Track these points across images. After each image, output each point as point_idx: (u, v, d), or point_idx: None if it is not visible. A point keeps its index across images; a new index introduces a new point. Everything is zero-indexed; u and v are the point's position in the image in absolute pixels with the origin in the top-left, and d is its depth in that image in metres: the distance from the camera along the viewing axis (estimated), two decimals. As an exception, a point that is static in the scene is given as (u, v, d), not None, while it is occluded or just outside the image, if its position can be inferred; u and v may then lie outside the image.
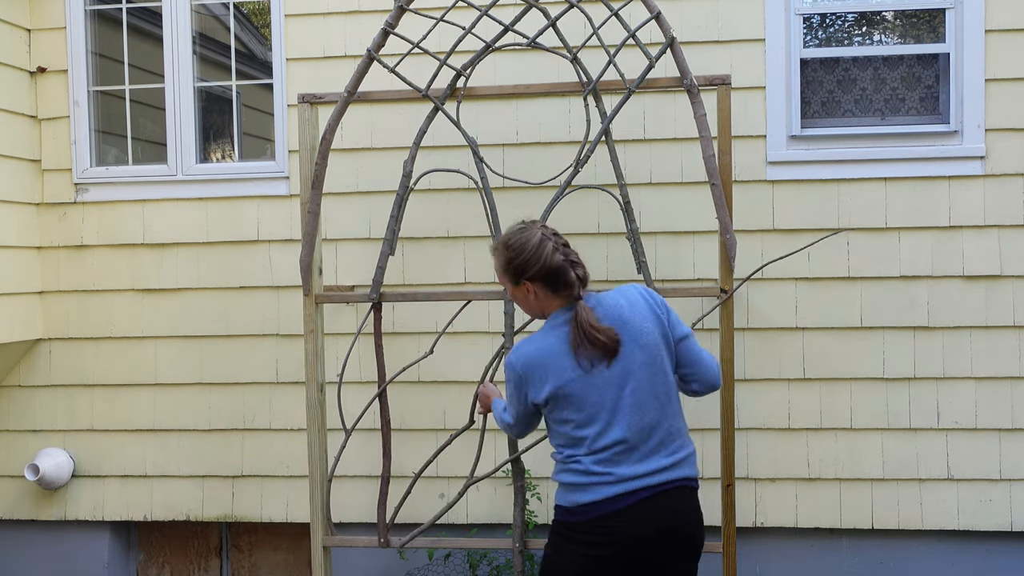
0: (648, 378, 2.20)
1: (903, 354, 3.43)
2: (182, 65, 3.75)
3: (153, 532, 3.96)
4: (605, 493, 2.16)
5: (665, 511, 2.19)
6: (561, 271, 2.21)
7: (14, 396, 3.85)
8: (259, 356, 3.71)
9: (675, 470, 2.22)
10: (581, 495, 2.19)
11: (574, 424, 2.21)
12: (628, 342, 2.19)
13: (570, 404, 2.20)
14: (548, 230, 2.27)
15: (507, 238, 2.28)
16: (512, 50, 3.25)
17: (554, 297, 2.24)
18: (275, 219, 3.69)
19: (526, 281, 2.24)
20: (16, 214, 3.71)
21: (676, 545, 2.22)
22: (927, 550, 3.47)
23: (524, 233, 2.26)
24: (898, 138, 3.45)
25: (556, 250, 2.22)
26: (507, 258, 2.26)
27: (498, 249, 2.30)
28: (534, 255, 2.21)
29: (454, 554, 3.57)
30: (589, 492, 2.18)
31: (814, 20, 3.56)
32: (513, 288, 2.29)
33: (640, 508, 2.17)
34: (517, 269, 2.24)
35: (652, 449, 2.19)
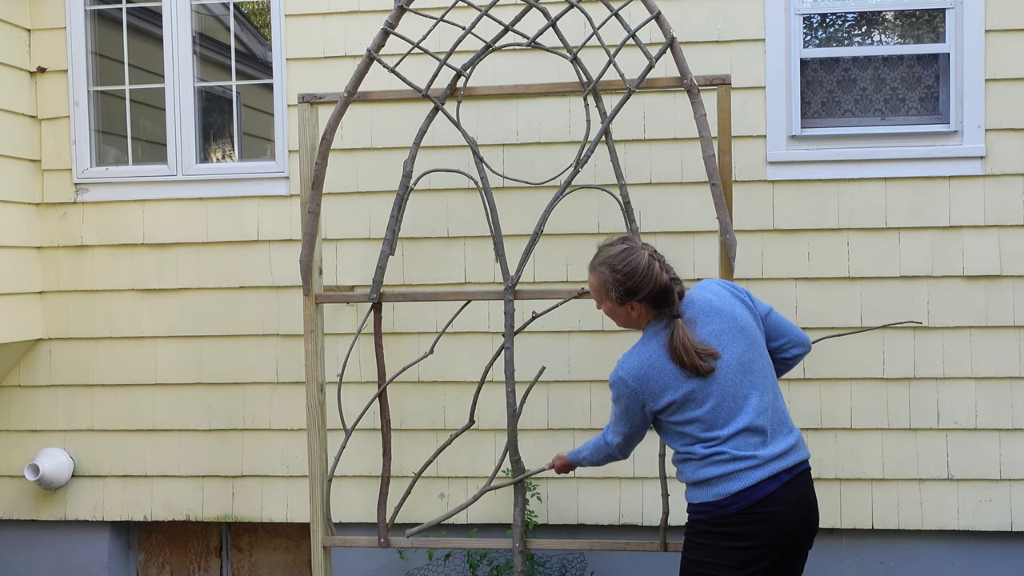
0: (755, 359, 2.24)
1: (903, 354, 3.43)
2: (182, 65, 3.75)
3: (153, 532, 3.96)
4: (755, 477, 2.17)
5: (803, 494, 2.24)
6: (668, 291, 2.24)
7: (14, 396, 3.85)
8: (259, 356, 3.71)
9: (798, 451, 2.26)
10: (729, 484, 2.18)
11: (701, 421, 2.21)
12: (728, 328, 2.24)
13: (692, 402, 2.21)
14: (649, 247, 2.29)
15: (614, 262, 2.27)
16: (512, 50, 3.25)
17: (653, 311, 2.28)
18: (275, 219, 3.69)
19: (635, 302, 2.27)
20: (16, 214, 3.71)
21: (810, 528, 2.27)
22: (927, 550, 3.47)
23: (632, 256, 2.26)
24: (898, 138, 3.45)
25: (663, 269, 2.25)
26: (616, 280, 2.26)
27: (601, 270, 2.30)
28: (645, 278, 2.23)
29: (454, 554, 3.57)
30: (740, 479, 2.17)
31: (814, 20, 3.56)
32: (615, 306, 2.31)
33: (786, 491, 2.19)
34: (627, 291, 2.25)
35: (774, 430, 2.23)
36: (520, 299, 2.98)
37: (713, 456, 2.20)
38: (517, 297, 2.97)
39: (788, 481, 2.20)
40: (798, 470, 2.24)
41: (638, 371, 2.25)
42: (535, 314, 3.03)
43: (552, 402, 3.53)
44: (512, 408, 2.96)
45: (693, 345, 2.20)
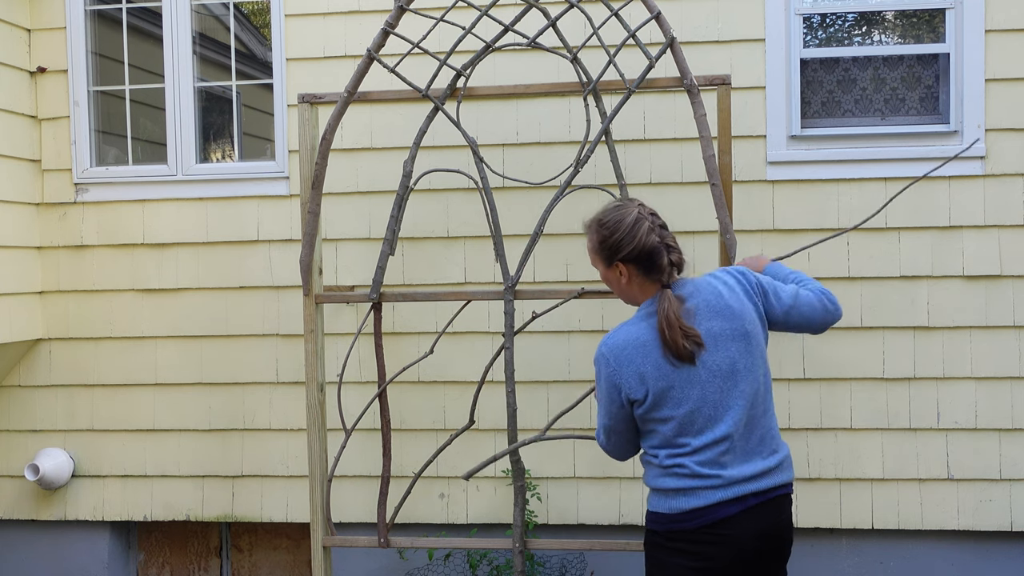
0: (749, 368, 2.07)
1: (903, 354, 3.43)
2: (182, 65, 3.75)
3: (153, 532, 3.96)
4: (714, 498, 2.04)
5: (771, 520, 2.10)
6: (656, 253, 2.08)
7: (14, 396, 3.85)
8: (259, 356, 3.71)
9: (776, 475, 2.11)
10: (686, 500, 2.06)
11: (675, 422, 2.06)
12: (729, 331, 2.07)
13: (670, 399, 2.05)
14: (645, 209, 2.13)
15: (601, 215, 2.15)
16: (512, 50, 3.25)
17: (647, 282, 2.12)
18: (275, 219, 3.69)
19: (619, 263, 2.11)
20: (16, 214, 3.71)
21: (776, 555, 2.14)
22: (927, 550, 3.47)
23: (620, 211, 2.12)
24: (898, 138, 3.45)
25: (652, 230, 2.08)
26: (601, 236, 2.12)
27: (591, 226, 2.17)
28: (628, 234, 2.08)
29: (454, 554, 3.57)
30: (696, 497, 2.05)
31: (814, 20, 3.56)
32: (605, 270, 2.16)
33: (749, 515, 2.05)
34: (610, 249, 2.11)
35: (753, 449, 2.08)
36: (520, 299, 2.98)
37: (674, 467, 2.07)
38: (517, 297, 2.97)
39: (755, 505, 2.06)
40: (772, 495, 2.09)
41: (620, 348, 2.08)
42: (535, 314, 3.03)
43: (552, 402, 3.53)
44: (512, 408, 2.96)
45: (679, 321, 2.02)
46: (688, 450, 2.06)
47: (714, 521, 2.05)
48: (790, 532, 2.18)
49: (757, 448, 2.09)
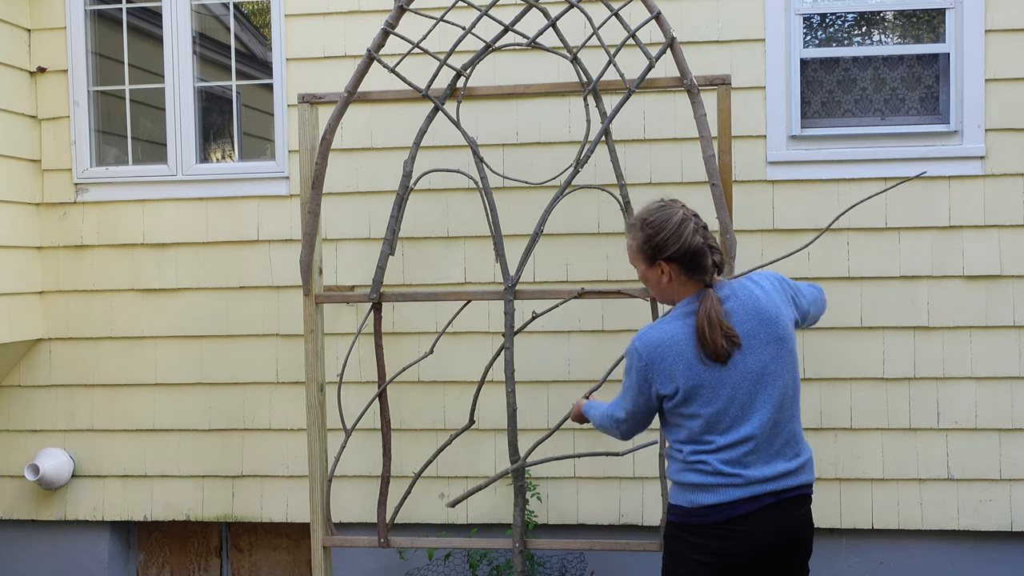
0: (779, 373, 2.11)
1: (903, 354, 3.43)
2: (182, 65, 3.75)
3: (153, 532, 3.96)
4: (732, 495, 2.07)
5: (787, 519, 2.13)
6: (700, 254, 2.10)
7: (14, 396, 3.85)
8: (259, 356, 3.71)
9: (798, 475, 2.15)
10: (705, 496, 2.10)
11: (703, 419, 2.09)
12: (763, 334, 2.11)
13: (700, 397, 2.09)
14: (689, 210, 2.16)
15: (646, 215, 2.16)
16: (512, 50, 3.25)
17: (687, 282, 2.14)
18: (275, 219, 3.69)
19: (662, 261, 2.13)
20: (16, 214, 3.71)
21: (793, 552, 2.17)
22: (927, 550, 3.47)
23: (665, 211, 2.14)
24: (898, 138, 3.45)
25: (696, 231, 2.11)
26: (646, 236, 2.14)
27: (635, 226, 2.18)
28: (674, 234, 2.10)
29: (454, 554, 3.57)
30: (715, 493, 2.09)
31: (814, 20, 3.56)
32: (646, 268, 2.17)
33: (765, 514, 2.09)
34: (655, 248, 2.12)
35: (777, 451, 2.11)
36: (520, 299, 2.98)
37: (696, 464, 2.11)
38: (517, 297, 2.97)
39: (771, 504, 2.10)
40: (789, 495, 2.13)
41: (655, 345, 2.11)
42: (535, 314, 3.03)
43: (552, 402, 3.53)
44: (512, 408, 2.96)
45: (720, 321, 2.05)
46: (712, 448, 2.10)
47: (731, 517, 2.09)
48: (809, 530, 2.22)
49: (781, 450, 2.13)
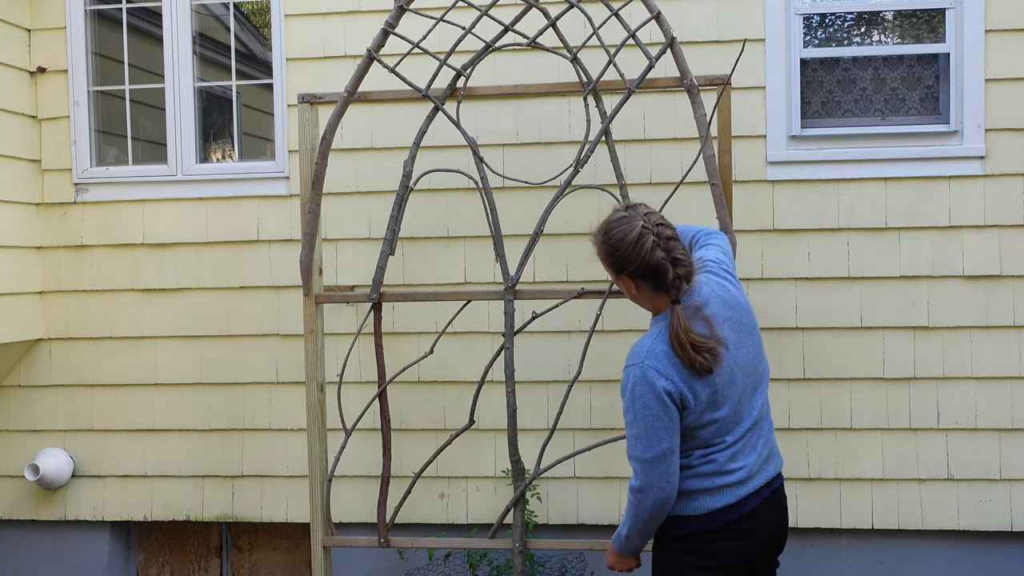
0: (760, 358, 2.11)
1: (903, 354, 3.43)
2: (182, 65, 3.75)
3: (153, 532, 3.96)
4: (741, 493, 2.04)
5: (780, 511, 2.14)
6: (660, 269, 2.01)
7: (14, 396, 3.85)
8: (259, 356, 3.71)
9: (774, 460, 2.15)
10: (714, 499, 2.04)
11: (718, 423, 2.04)
12: (743, 325, 2.09)
13: (714, 403, 2.03)
14: (651, 219, 2.05)
15: (606, 228, 2.08)
16: (512, 50, 3.25)
17: (657, 294, 2.07)
18: (275, 219, 3.69)
19: (626, 276, 2.07)
20: (16, 214, 3.71)
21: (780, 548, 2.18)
22: (927, 550, 3.47)
23: (624, 225, 2.05)
24: (898, 138, 3.45)
25: (656, 246, 2.01)
26: (606, 251, 2.08)
27: (596, 238, 2.11)
28: (632, 251, 2.02)
29: (454, 554, 3.57)
30: (724, 495, 2.04)
31: (814, 20, 3.56)
32: (616, 278, 2.12)
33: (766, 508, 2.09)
34: (616, 265, 2.07)
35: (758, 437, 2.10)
36: (520, 299, 2.98)
37: (701, 466, 2.04)
38: (517, 297, 2.97)
39: (768, 497, 2.09)
40: (775, 484, 2.13)
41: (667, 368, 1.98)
42: (535, 314, 3.03)
43: (552, 402, 3.53)
44: (512, 408, 2.96)
45: (689, 337, 1.96)
46: (723, 446, 2.05)
47: (739, 517, 2.05)
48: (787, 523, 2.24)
49: (767, 436, 2.14)
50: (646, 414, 1.98)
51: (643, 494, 2.03)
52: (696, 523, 2.06)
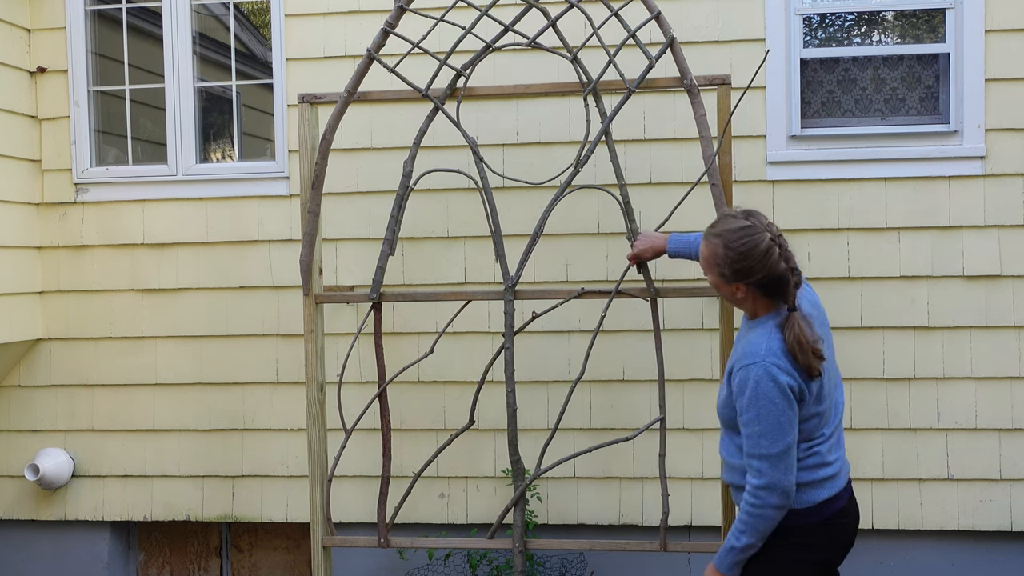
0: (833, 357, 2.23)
1: (903, 354, 3.43)
2: (182, 65, 3.75)
3: (153, 532, 3.96)
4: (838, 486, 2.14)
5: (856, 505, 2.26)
6: (783, 282, 2.08)
7: (14, 396, 3.85)
8: (259, 356, 3.71)
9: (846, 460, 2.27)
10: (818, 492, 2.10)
11: (819, 416, 2.13)
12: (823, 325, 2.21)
13: (819, 397, 2.12)
14: (773, 229, 2.10)
15: (730, 236, 2.09)
16: (512, 50, 3.25)
17: (764, 300, 2.14)
18: (275, 219, 3.69)
19: (742, 284, 2.11)
20: (16, 214, 3.71)
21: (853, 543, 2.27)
22: (927, 550, 3.47)
23: (752, 237, 2.07)
24: (898, 138, 3.45)
25: (783, 258, 2.07)
26: (728, 258, 2.09)
27: (715, 244, 2.12)
28: (760, 262, 2.06)
29: (454, 554, 3.57)
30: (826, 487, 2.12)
31: (814, 20, 3.56)
32: (720, 282, 2.15)
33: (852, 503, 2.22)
34: (737, 272, 2.09)
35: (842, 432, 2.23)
36: (520, 299, 2.98)
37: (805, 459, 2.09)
38: (517, 297, 2.97)
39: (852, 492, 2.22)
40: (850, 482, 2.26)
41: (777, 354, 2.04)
42: (535, 314, 3.03)
43: (552, 402, 3.53)
44: (512, 408, 2.96)
45: (809, 342, 2.03)
46: (823, 438, 2.14)
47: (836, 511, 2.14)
48: None
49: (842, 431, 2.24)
50: (772, 409, 2.03)
51: (769, 492, 2.04)
52: (801, 517, 2.10)
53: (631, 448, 3.48)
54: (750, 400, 2.04)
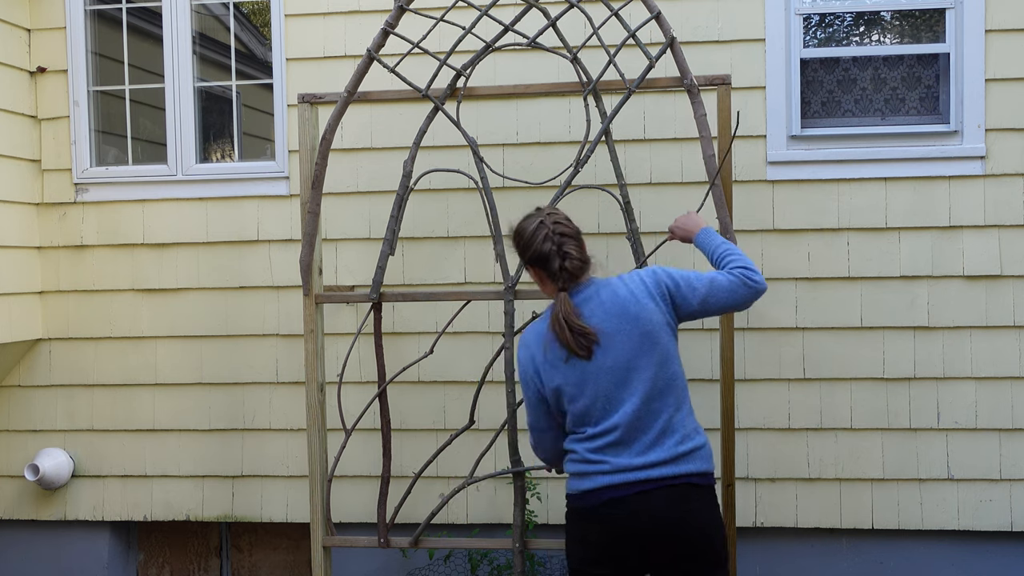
0: (646, 367, 2.19)
1: (903, 354, 3.43)
2: (182, 65, 3.75)
3: (153, 532, 3.96)
4: (602, 482, 2.18)
5: (664, 508, 2.14)
6: (545, 259, 2.25)
7: (14, 396, 3.85)
8: (259, 356, 3.71)
9: (678, 464, 2.17)
10: (581, 482, 2.23)
11: (572, 415, 2.24)
12: (626, 331, 2.19)
13: (565, 394, 2.23)
14: (552, 217, 2.31)
15: (516, 223, 2.36)
16: (512, 50, 3.25)
17: (552, 285, 2.28)
18: (275, 219, 3.69)
19: (527, 265, 2.32)
20: (16, 214, 3.71)
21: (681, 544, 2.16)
22: (927, 550, 3.47)
23: (527, 220, 2.33)
24: (898, 138, 3.45)
25: (548, 238, 2.25)
26: (513, 242, 2.36)
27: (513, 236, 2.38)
28: (526, 241, 2.29)
29: (454, 554, 3.57)
30: (589, 480, 2.21)
31: (814, 20, 3.56)
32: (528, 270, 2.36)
33: (636, 500, 2.15)
34: (519, 253, 2.33)
35: (652, 441, 2.18)
36: (520, 299, 2.98)
37: (571, 453, 2.26)
38: (517, 297, 2.97)
39: (644, 491, 2.14)
40: (664, 483, 2.15)
41: (530, 341, 2.29)
42: (535, 314, 3.02)
43: (552, 402, 3.53)
44: (512, 408, 2.96)
45: (572, 320, 2.19)
46: (582, 437, 2.24)
47: (603, 501, 2.18)
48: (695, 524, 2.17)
49: (657, 440, 2.19)
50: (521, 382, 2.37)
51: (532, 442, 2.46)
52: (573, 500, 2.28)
53: (631, 448, 3.48)
54: None
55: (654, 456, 2.17)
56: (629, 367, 2.19)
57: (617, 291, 2.25)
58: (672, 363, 2.23)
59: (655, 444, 2.18)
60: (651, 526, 2.15)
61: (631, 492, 2.16)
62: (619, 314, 2.21)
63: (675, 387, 2.22)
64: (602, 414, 2.20)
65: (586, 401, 2.21)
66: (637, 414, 2.18)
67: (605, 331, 2.20)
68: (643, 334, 2.20)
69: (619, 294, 2.24)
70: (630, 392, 2.19)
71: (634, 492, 2.16)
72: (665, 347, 2.22)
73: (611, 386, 2.19)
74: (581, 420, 2.23)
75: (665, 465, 2.17)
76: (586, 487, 2.21)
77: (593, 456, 2.20)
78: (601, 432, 2.20)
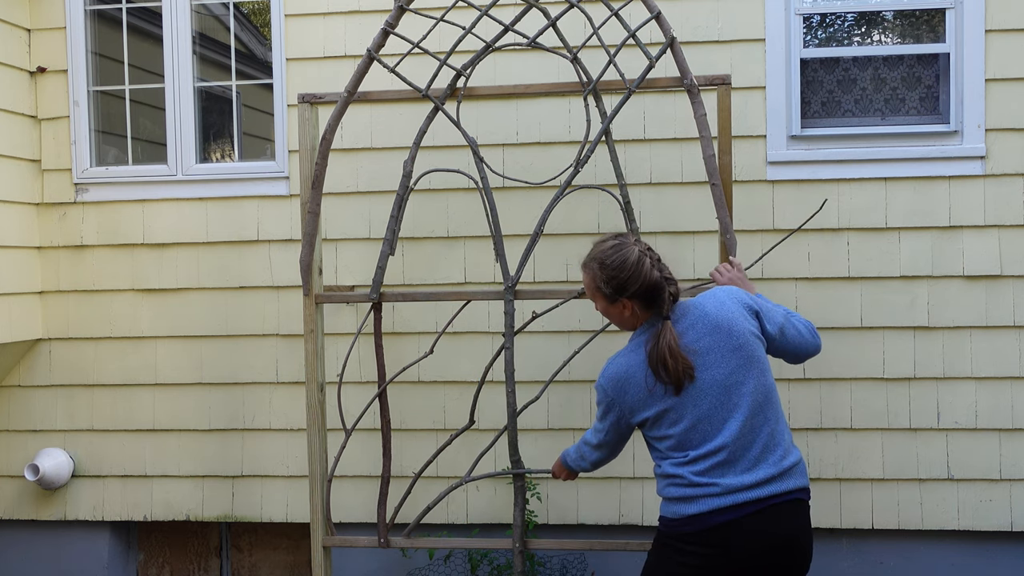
0: (744, 381, 2.16)
1: (903, 354, 3.43)
2: (182, 65, 3.75)
3: (153, 532, 3.96)
4: (712, 505, 2.12)
5: (774, 526, 2.14)
6: (658, 289, 2.19)
7: (14, 396, 3.85)
8: (259, 356, 3.71)
9: (784, 480, 2.16)
10: (687, 507, 2.16)
11: (675, 439, 2.18)
12: (720, 347, 2.17)
13: (666, 420, 2.18)
14: (642, 244, 2.25)
15: (602, 256, 2.24)
16: (512, 50, 3.25)
17: (645, 313, 2.23)
18: (275, 219, 3.69)
19: (624, 299, 2.22)
20: (16, 214, 3.71)
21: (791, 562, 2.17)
22: (927, 550, 3.47)
23: (622, 252, 2.22)
24: (898, 138, 3.45)
25: (653, 267, 2.20)
26: (605, 276, 2.22)
27: (590, 266, 2.26)
28: (634, 273, 2.19)
29: (455, 554, 3.57)
30: (696, 504, 2.14)
31: (814, 20, 3.56)
32: (607, 305, 2.26)
33: (750, 522, 2.12)
34: (617, 288, 2.21)
35: (757, 457, 2.15)
36: (520, 299, 2.98)
37: (673, 478, 2.19)
38: (517, 297, 2.97)
39: (756, 512, 2.12)
40: (774, 500, 2.14)
41: (616, 381, 2.23)
42: (535, 314, 3.03)
43: (552, 402, 3.53)
44: (512, 408, 2.96)
45: (678, 352, 2.14)
46: (686, 460, 2.17)
47: (713, 526, 2.13)
48: (805, 539, 2.20)
49: (762, 456, 2.15)
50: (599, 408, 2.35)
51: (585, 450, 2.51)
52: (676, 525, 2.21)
53: (631, 448, 3.48)
54: None
55: (763, 473, 2.14)
56: (729, 382, 2.16)
57: (704, 307, 2.22)
58: (768, 374, 2.21)
59: (760, 460, 2.15)
60: (766, 545, 2.13)
61: (744, 513, 2.12)
62: (714, 329, 2.18)
63: (772, 399, 2.20)
64: (704, 435, 2.15)
65: (688, 423, 2.16)
66: (742, 431, 2.14)
67: (699, 350, 2.17)
68: (736, 347, 2.17)
69: (707, 310, 2.21)
70: (733, 409, 2.15)
71: (748, 513, 2.12)
72: (760, 359, 2.20)
73: (713, 406, 2.15)
74: (681, 444, 2.17)
75: (774, 482, 2.15)
76: (692, 511, 2.14)
77: (700, 479, 2.14)
78: (706, 453, 2.14)
